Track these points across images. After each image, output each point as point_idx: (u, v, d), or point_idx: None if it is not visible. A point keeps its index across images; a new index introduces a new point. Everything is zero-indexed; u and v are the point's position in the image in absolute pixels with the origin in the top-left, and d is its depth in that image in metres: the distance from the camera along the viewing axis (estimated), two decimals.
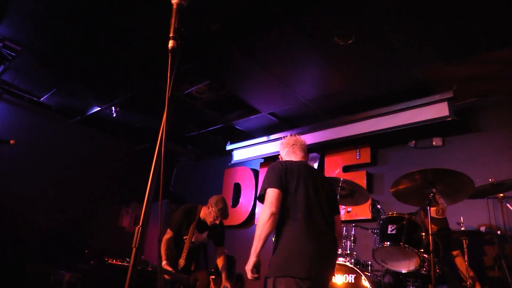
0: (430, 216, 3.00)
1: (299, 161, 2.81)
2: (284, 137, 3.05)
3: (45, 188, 6.46)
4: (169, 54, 1.34)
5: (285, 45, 4.18)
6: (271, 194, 2.46)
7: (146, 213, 1.13)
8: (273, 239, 2.54)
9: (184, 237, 4.08)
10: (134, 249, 1.08)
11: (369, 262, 3.76)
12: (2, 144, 4.09)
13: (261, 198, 2.56)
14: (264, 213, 2.43)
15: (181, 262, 4.03)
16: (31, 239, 5.89)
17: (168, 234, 4.09)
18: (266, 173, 2.62)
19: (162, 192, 1.27)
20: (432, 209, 3.91)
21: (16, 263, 5.52)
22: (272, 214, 2.40)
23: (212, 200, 4.16)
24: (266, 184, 2.53)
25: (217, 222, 4.15)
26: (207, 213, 4.15)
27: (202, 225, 4.20)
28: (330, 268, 2.47)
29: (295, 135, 3.05)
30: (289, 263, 2.32)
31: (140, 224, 1.11)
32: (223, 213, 4.13)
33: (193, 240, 4.13)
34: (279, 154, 3.05)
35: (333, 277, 2.54)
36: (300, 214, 2.43)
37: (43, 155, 6.50)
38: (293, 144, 2.92)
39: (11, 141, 4.06)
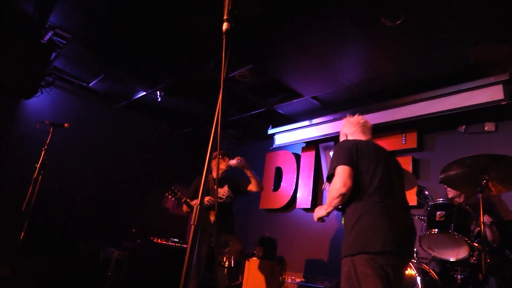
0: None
1: (367, 140, 2.75)
2: (348, 115, 2.95)
3: (95, 169, 6.76)
4: (224, 36, 1.34)
5: (328, 27, 4.09)
6: (342, 171, 2.38)
7: (203, 191, 1.16)
8: (343, 220, 2.49)
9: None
10: (193, 227, 1.12)
11: (415, 249, 3.67)
12: (57, 127, 4.30)
13: (329, 178, 2.48)
14: (333, 191, 2.37)
15: (212, 218, 4.25)
16: (82, 218, 6.21)
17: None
18: (334, 152, 2.55)
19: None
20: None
21: (68, 240, 5.84)
22: (341, 195, 2.35)
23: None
24: (335, 163, 2.45)
25: (225, 164, 4.43)
26: (214, 168, 4.41)
27: (219, 181, 4.54)
28: (408, 244, 2.37)
29: (360, 115, 2.93)
30: (364, 239, 2.24)
31: (199, 201, 1.14)
32: (222, 152, 4.56)
33: (218, 195, 4.43)
34: (340, 134, 2.95)
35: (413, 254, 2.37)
36: (374, 193, 2.35)
37: (92, 138, 6.78)
38: (363, 125, 2.83)
39: (66, 125, 4.27)
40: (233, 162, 4.39)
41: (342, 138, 2.91)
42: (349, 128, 2.87)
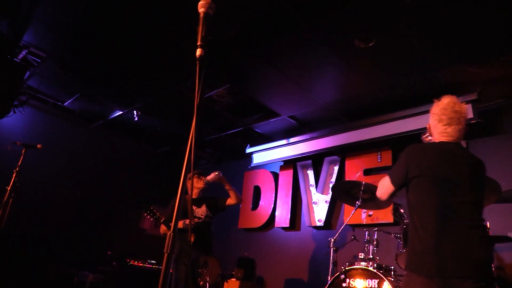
0: None
1: (446, 144, 2.35)
2: (438, 100, 2.45)
3: (69, 190, 6.59)
4: (197, 62, 1.35)
5: (304, 49, 4.18)
6: (386, 186, 2.35)
7: (177, 219, 1.15)
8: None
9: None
10: (165, 255, 1.10)
11: (392, 267, 3.70)
12: (30, 148, 4.20)
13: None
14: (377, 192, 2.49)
15: (191, 238, 4.27)
16: (56, 241, 6.01)
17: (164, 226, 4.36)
18: (401, 154, 2.38)
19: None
20: None
21: (40, 264, 5.64)
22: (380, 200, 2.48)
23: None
24: (391, 171, 2.38)
25: (202, 182, 4.49)
26: (191, 188, 4.46)
27: (196, 201, 4.54)
28: (471, 265, 2.03)
29: (457, 102, 2.41)
30: (416, 259, 2.14)
31: (172, 230, 1.13)
32: (197, 171, 4.62)
33: (196, 215, 4.44)
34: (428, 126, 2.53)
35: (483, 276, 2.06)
36: (433, 212, 2.15)
37: (66, 159, 6.64)
38: (448, 122, 2.34)
39: (38, 146, 4.17)
40: (210, 177, 4.40)
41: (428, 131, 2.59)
42: (432, 122, 2.46)
